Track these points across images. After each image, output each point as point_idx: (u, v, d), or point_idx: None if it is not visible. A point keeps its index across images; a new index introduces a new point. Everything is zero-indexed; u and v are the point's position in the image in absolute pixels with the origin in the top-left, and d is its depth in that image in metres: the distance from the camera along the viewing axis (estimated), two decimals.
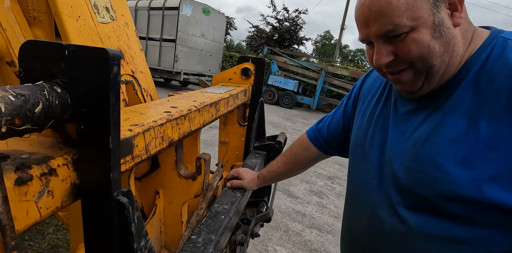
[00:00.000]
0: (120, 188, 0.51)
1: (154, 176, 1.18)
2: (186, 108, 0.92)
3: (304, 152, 1.13)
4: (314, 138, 1.12)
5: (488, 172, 0.57)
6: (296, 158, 1.15)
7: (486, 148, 0.58)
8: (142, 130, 0.69)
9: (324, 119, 1.13)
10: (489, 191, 0.57)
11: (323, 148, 1.10)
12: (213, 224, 0.95)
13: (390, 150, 0.76)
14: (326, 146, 1.09)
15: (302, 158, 1.14)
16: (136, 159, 0.68)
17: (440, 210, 0.64)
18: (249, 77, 1.70)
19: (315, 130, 1.13)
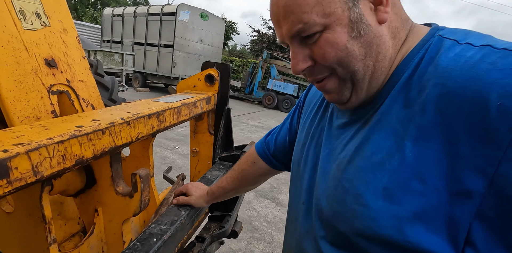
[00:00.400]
0: None
1: (92, 192, 1.10)
2: (107, 122, 0.84)
3: (252, 167, 1.04)
4: (262, 152, 1.02)
5: (411, 207, 0.45)
6: (244, 173, 1.05)
7: (410, 177, 0.46)
8: (25, 150, 0.61)
9: (273, 131, 1.04)
10: (411, 232, 0.45)
11: (271, 163, 1.01)
12: (140, 249, 0.85)
13: (320, 171, 0.65)
14: (274, 160, 1.00)
15: (250, 173, 1.05)
16: (17, 183, 0.60)
17: (360, 250, 0.53)
18: (214, 84, 1.62)
19: (263, 143, 1.04)
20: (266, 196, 3.68)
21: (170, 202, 1.40)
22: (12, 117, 0.88)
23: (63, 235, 1.13)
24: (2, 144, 0.60)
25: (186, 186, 1.17)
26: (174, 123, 1.22)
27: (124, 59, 9.31)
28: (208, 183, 1.28)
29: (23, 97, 0.91)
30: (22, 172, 0.61)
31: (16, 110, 0.89)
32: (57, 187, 0.99)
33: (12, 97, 0.88)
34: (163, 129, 1.14)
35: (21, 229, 0.87)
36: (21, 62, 0.95)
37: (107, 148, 0.84)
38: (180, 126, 6.85)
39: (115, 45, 13.47)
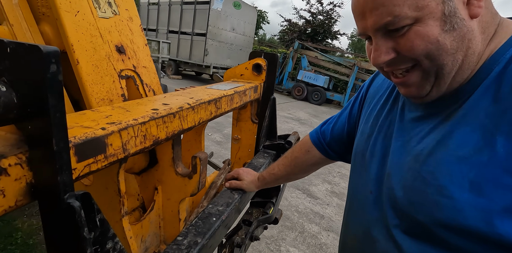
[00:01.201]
0: (72, 190, 0.50)
1: (153, 172, 1.18)
2: (177, 106, 0.89)
3: (305, 155, 1.06)
4: (317, 141, 1.04)
5: (502, 201, 0.46)
6: (297, 161, 1.08)
7: (501, 172, 0.46)
8: (118, 129, 0.67)
9: (329, 121, 1.05)
10: (501, 225, 0.46)
11: (326, 152, 1.02)
12: (202, 226, 0.92)
13: (391, 162, 0.66)
14: (329, 150, 1.01)
15: (303, 161, 1.07)
16: (111, 158, 0.66)
17: (439, 240, 0.54)
18: (261, 73, 1.65)
19: (318, 133, 1.05)
20: (297, 187, 3.71)
21: (218, 185, 1.47)
22: (91, 99, 0.96)
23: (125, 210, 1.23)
24: (98, 123, 0.67)
25: (237, 171, 1.22)
26: (227, 110, 1.27)
27: (160, 47, 9.58)
28: (255, 169, 1.33)
29: (99, 80, 0.99)
30: (115, 148, 0.67)
31: (93, 92, 0.97)
32: (126, 164, 1.07)
33: (91, 80, 0.96)
34: (218, 115, 1.19)
35: (98, 201, 0.96)
36: (97, 48, 1.02)
37: (176, 131, 0.90)
38: None
39: (150, 33, 13.85)
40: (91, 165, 0.61)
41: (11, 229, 2.21)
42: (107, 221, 0.58)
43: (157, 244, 1.26)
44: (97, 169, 0.63)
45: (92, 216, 0.54)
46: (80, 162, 0.59)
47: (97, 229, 0.56)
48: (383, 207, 0.65)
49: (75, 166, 0.58)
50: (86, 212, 0.52)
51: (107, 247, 0.59)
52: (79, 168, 0.59)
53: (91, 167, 0.62)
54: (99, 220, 0.56)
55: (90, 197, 0.52)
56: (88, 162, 0.61)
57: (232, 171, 1.27)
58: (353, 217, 0.78)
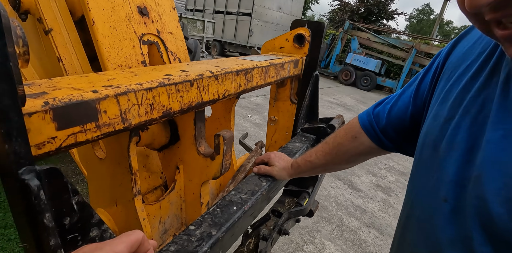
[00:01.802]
0: (31, 164, 0.38)
1: (175, 149, 1.08)
2: (196, 73, 0.75)
3: (351, 142, 0.85)
4: (368, 125, 0.82)
5: None
6: (340, 149, 0.88)
7: None
8: (115, 93, 0.55)
9: (386, 100, 0.82)
10: None
11: (378, 140, 0.80)
12: (220, 216, 0.79)
13: (484, 160, 0.45)
14: (383, 138, 0.79)
15: (348, 150, 0.87)
16: (105, 128, 0.54)
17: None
18: (303, 46, 1.43)
19: (370, 115, 0.83)
20: (338, 177, 3.47)
21: (248, 169, 1.34)
22: (107, 64, 0.86)
23: (147, 187, 1.16)
24: (93, 85, 0.55)
25: (268, 155, 1.07)
26: (260, 85, 1.10)
27: (205, 27, 9.55)
28: (290, 154, 1.16)
29: (117, 44, 0.88)
30: (111, 117, 0.55)
31: (110, 57, 0.87)
32: (143, 139, 0.98)
33: (107, 43, 0.85)
34: (249, 89, 1.03)
35: (110, 176, 0.89)
36: (116, 8, 0.91)
37: (194, 103, 0.76)
38: (253, 94, 6.88)
39: (197, 13, 13.92)
40: (77, 135, 0.50)
41: None
42: (88, 205, 0.47)
43: (178, 226, 1.19)
44: (86, 140, 0.52)
45: (66, 198, 0.43)
46: (62, 130, 0.47)
47: (74, 214, 0.45)
48: (465, 224, 0.45)
49: (55, 134, 0.47)
50: (56, 193, 0.41)
51: (91, 236, 0.49)
52: (60, 137, 0.48)
53: (78, 137, 0.50)
54: (77, 203, 0.45)
55: (60, 174, 0.41)
56: (73, 130, 0.49)
57: (264, 154, 1.11)
58: (413, 232, 0.58)
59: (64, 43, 0.97)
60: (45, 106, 0.45)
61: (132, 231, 0.37)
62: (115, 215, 0.96)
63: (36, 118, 0.44)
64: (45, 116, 0.45)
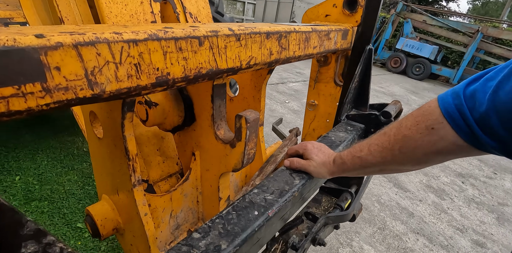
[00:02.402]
0: None
1: (191, 132, 0.91)
2: (208, 29, 0.55)
3: (425, 136, 0.59)
4: (456, 112, 0.55)
5: None
6: (407, 144, 0.62)
7: None
8: (73, 42, 0.37)
9: (486, 76, 0.54)
10: None
11: (471, 135, 0.53)
12: (235, 222, 0.60)
13: None
14: (479, 132, 0.52)
15: (418, 146, 0.60)
16: (60, 93, 0.37)
17: None
18: (355, 12, 1.16)
19: (460, 96, 0.55)
20: None
21: (279, 160, 1.14)
22: (107, 22, 0.69)
23: (160, 174, 1.01)
24: (47, 31, 0.37)
25: (304, 145, 0.83)
26: (298, 56, 0.87)
27: (245, 8, 9.26)
28: (331, 147, 0.92)
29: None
30: (69, 77, 0.37)
31: (111, 14, 0.70)
32: (152, 117, 0.81)
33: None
34: (283, 60, 0.80)
35: (109, 160, 0.74)
36: None
37: (205, 69, 0.56)
38: (292, 79, 6.56)
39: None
40: (9, 99, 0.33)
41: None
42: (10, 208, 0.30)
43: (194, 221, 1.03)
44: (28, 109, 0.35)
45: None
46: None
47: None
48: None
49: None
50: None
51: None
52: None
53: (12, 104, 0.33)
54: None
55: None
56: (1, 93, 0.32)
57: (299, 144, 0.88)
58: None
59: (68, 2, 0.82)
60: None
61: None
62: (117, 205, 0.83)
63: None
64: None
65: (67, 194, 2.15)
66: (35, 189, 2.14)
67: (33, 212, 1.96)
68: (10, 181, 2.15)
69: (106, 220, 0.82)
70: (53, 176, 2.30)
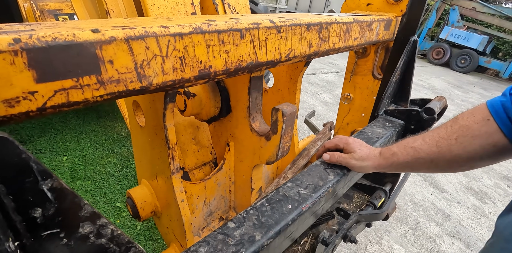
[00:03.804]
0: None
1: (226, 122, 0.92)
2: (250, 21, 0.54)
3: (482, 126, 0.58)
4: (500, 107, 0.56)
5: None
6: (466, 133, 0.59)
7: None
8: (125, 36, 0.38)
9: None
10: None
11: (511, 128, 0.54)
12: (269, 214, 0.61)
13: None
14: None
15: (476, 136, 0.58)
16: (113, 85, 0.39)
17: None
18: (400, 1, 1.09)
19: (507, 96, 0.56)
20: None
21: (312, 154, 1.13)
22: (150, 14, 0.71)
23: (195, 162, 1.05)
24: (101, 26, 0.39)
25: (345, 139, 0.80)
26: (338, 48, 0.84)
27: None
28: (368, 143, 0.89)
29: None
30: (120, 70, 0.39)
31: (154, 6, 0.72)
32: (190, 107, 0.84)
33: None
34: (322, 52, 0.78)
35: (150, 147, 0.78)
36: None
37: (245, 62, 0.56)
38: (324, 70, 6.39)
39: None
40: (69, 91, 0.35)
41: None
42: (73, 193, 0.33)
43: (226, 209, 1.06)
44: (84, 100, 0.37)
45: (30, 181, 0.29)
46: (44, 83, 0.33)
47: (48, 205, 0.31)
48: None
49: (34, 87, 0.33)
50: (9, 174, 0.27)
51: (81, 232, 0.35)
52: (43, 93, 0.34)
53: (71, 95, 0.36)
54: (51, 189, 0.31)
55: (14, 147, 0.26)
56: (62, 85, 0.35)
57: (334, 137, 0.86)
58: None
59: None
60: (14, 44, 0.30)
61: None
62: (156, 190, 0.87)
63: (2, 61, 0.30)
64: (15, 60, 0.31)
65: (108, 175, 2.30)
66: (79, 169, 2.31)
67: (78, 190, 2.13)
68: (58, 160, 2.34)
69: (145, 203, 0.87)
70: (95, 158, 2.47)
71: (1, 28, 0.35)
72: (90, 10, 1.45)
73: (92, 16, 1.46)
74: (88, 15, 1.47)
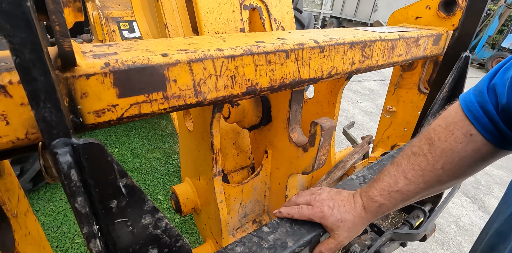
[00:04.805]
0: (67, 136, 0.31)
1: (266, 131, 0.97)
2: (295, 42, 0.59)
3: (467, 144, 0.52)
4: (479, 110, 0.50)
5: None
6: (451, 158, 0.53)
7: None
8: (187, 59, 0.45)
9: (503, 67, 0.49)
10: None
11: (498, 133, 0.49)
12: (302, 224, 0.65)
13: None
14: (504, 127, 0.48)
15: (464, 157, 0.53)
16: (174, 101, 0.46)
17: None
18: (453, 14, 1.06)
19: (483, 93, 0.50)
20: (466, 192, 2.76)
21: (347, 166, 1.13)
22: (203, 30, 0.79)
23: (234, 165, 1.11)
24: (168, 49, 0.46)
25: (320, 213, 0.62)
26: (381, 64, 0.85)
27: (323, 1, 8.92)
28: None
29: (216, 8, 0.79)
30: (182, 87, 0.46)
31: (207, 23, 0.79)
32: (233, 115, 0.90)
33: (206, 7, 0.78)
34: (365, 69, 0.80)
35: (196, 150, 0.85)
36: None
37: (288, 80, 0.61)
38: (367, 78, 6.19)
39: None
40: (141, 105, 0.43)
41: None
42: (140, 190, 0.40)
43: (259, 213, 1.11)
44: (152, 112, 0.45)
45: (111, 179, 0.36)
46: (123, 98, 0.41)
47: (122, 198, 0.38)
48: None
49: (116, 102, 0.40)
50: (99, 173, 0.34)
51: (143, 223, 0.42)
52: (122, 106, 0.41)
53: (142, 108, 0.43)
54: (126, 186, 0.38)
55: (103, 151, 0.34)
56: (136, 99, 0.42)
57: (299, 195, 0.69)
58: None
59: (172, 9, 0.95)
60: (105, 68, 0.38)
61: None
62: (198, 188, 0.95)
63: (95, 81, 0.38)
64: (105, 80, 0.39)
65: (152, 169, 2.48)
66: (128, 161, 2.52)
67: None
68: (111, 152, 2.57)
69: (187, 200, 0.95)
70: (142, 152, 2.67)
71: (92, 50, 0.43)
72: (149, 21, 1.60)
73: (150, 26, 1.61)
74: (147, 25, 1.63)
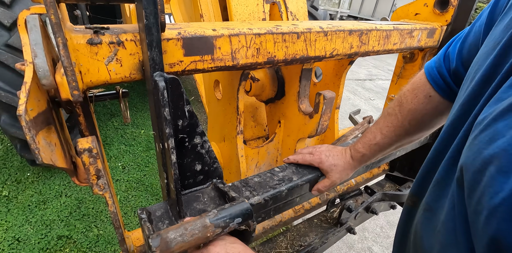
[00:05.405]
0: (162, 71, 0.53)
1: (279, 104, 1.18)
2: (305, 26, 0.79)
3: (427, 104, 0.68)
4: (436, 74, 0.66)
5: None
6: (415, 116, 0.70)
7: None
8: (229, 34, 0.66)
9: (458, 37, 0.64)
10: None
11: (449, 92, 0.65)
12: (305, 167, 0.85)
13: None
14: (455, 86, 0.63)
15: (424, 115, 0.69)
16: (218, 62, 0.67)
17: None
18: (446, 11, 1.23)
19: (440, 59, 0.66)
20: None
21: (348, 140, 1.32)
22: (233, 19, 0.99)
23: (251, 135, 1.32)
24: (214, 27, 0.67)
25: (318, 159, 0.82)
26: (377, 50, 1.04)
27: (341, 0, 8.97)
28: None
29: (244, 1, 1.00)
30: (223, 53, 0.67)
31: (237, 13, 1.00)
32: (253, 89, 1.11)
33: (236, 0, 0.98)
34: (362, 53, 0.99)
35: (223, 115, 1.07)
36: None
37: (298, 55, 0.81)
38: (382, 77, 6.28)
39: None
40: (197, 62, 0.64)
41: None
42: (195, 116, 0.61)
43: None
44: (202, 69, 0.66)
45: (180, 105, 0.57)
46: (187, 56, 0.62)
47: (185, 119, 0.59)
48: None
49: (182, 58, 0.62)
50: (174, 97, 0.56)
51: (195, 142, 0.63)
52: (185, 62, 0.62)
53: (197, 65, 0.64)
54: (188, 111, 0.59)
55: (179, 84, 0.55)
56: (194, 58, 0.63)
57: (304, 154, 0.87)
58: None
59: (206, 2, 1.17)
60: (178, 35, 0.59)
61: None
62: (222, 149, 1.16)
63: (171, 43, 0.59)
64: (177, 43, 0.60)
65: None
66: (152, 141, 2.78)
67: (151, 158, 2.58)
68: (138, 133, 2.86)
69: None
70: None
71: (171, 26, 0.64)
72: (183, 13, 1.83)
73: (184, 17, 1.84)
74: (182, 17, 1.85)
